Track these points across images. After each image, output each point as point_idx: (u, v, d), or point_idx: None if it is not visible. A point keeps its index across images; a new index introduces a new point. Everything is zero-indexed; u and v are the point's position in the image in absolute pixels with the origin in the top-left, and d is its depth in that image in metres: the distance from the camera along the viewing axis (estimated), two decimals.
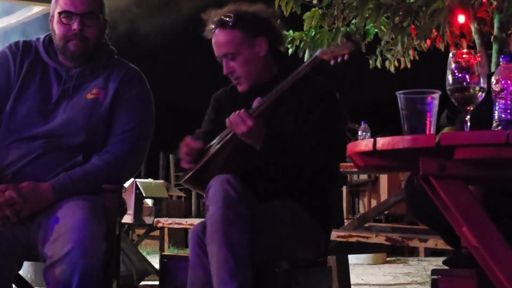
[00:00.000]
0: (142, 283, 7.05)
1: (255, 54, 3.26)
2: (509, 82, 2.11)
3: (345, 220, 7.84)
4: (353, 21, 7.82)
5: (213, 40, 3.31)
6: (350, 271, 5.51)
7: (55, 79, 3.18)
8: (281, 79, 3.15)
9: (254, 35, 3.25)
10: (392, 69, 8.81)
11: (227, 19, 3.26)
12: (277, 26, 3.36)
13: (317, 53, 3.21)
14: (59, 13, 3.14)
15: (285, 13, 7.37)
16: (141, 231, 11.22)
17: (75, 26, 3.12)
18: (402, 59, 8.66)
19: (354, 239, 5.15)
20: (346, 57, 3.14)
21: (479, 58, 2.13)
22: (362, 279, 8.01)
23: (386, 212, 10.72)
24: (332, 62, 3.15)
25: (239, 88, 3.30)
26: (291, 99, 3.19)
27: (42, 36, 3.27)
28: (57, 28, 3.16)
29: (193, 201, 15.49)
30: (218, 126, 3.28)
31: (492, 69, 6.75)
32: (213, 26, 3.30)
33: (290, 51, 8.08)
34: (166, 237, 11.47)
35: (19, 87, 3.16)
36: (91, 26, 3.15)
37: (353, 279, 6.76)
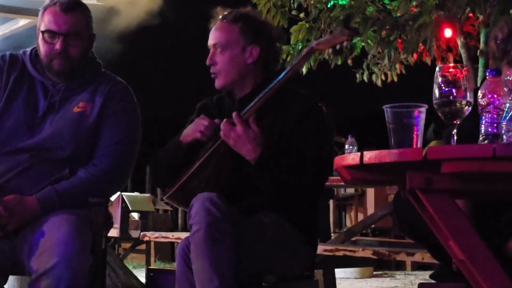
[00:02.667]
0: None
1: (243, 58, 3.25)
2: (495, 96, 2.11)
3: (332, 234, 7.85)
4: None
5: (211, 31, 3.32)
6: (337, 285, 5.50)
7: (41, 92, 3.17)
8: (264, 89, 3.15)
9: (250, 41, 3.24)
10: (379, 83, 8.85)
11: (231, 13, 3.28)
12: (276, 47, 3.36)
13: (313, 44, 3.22)
14: (42, 32, 3.14)
15: None
16: (127, 245, 11.20)
17: (57, 46, 3.11)
18: (389, 73, 8.69)
19: (341, 253, 5.15)
20: (345, 43, 3.14)
21: (466, 72, 2.13)
22: None
23: (372, 226, 10.72)
24: (330, 51, 3.15)
25: (216, 83, 3.28)
26: (276, 113, 3.19)
27: (28, 49, 3.26)
28: (41, 45, 3.16)
29: (179, 214, 15.43)
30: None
31: (479, 83, 6.78)
32: (219, 17, 3.30)
33: None
34: (152, 251, 11.45)
35: (5, 100, 3.14)
36: (75, 45, 3.14)
37: None
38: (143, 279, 6.88)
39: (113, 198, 8.63)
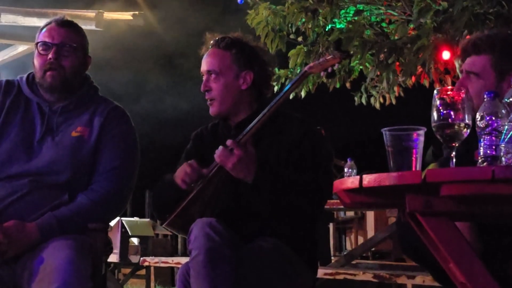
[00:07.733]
0: None
1: (237, 84, 3.28)
2: (493, 118, 2.11)
3: (332, 257, 7.83)
4: None
5: (203, 57, 3.34)
6: None
7: (38, 115, 3.18)
8: (259, 113, 3.15)
9: (243, 66, 3.28)
10: (377, 105, 8.85)
11: (223, 40, 3.31)
12: (269, 71, 3.38)
13: (306, 68, 3.25)
14: (37, 44, 3.21)
15: (270, 50, 7.41)
16: (127, 270, 11.15)
17: (50, 55, 3.16)
18: (387, 95, 8.69)
19: (341, 277, 5.14)
20: (336, 66, 3.17)
21: (464, 95, 2.13)
22: None
23: (373, 249, 10.69)
24: (322, 74, 3.18)
25: (210, 111, 3.31)
26: (272, 137, 3.19)
27: (25, 75, 3.29)
28: (36, 60, 3.20)
29: (179, 239, 15.39)
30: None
31: None
32: (210, 43, 3.34)
33: (275, 88, 8.10)
34: (152, 276, 11.38)
35: (1, 124, 3.15)
36: (68, 56, 3.19)
37: None
38: None
39: (112, 223, 8.61)
